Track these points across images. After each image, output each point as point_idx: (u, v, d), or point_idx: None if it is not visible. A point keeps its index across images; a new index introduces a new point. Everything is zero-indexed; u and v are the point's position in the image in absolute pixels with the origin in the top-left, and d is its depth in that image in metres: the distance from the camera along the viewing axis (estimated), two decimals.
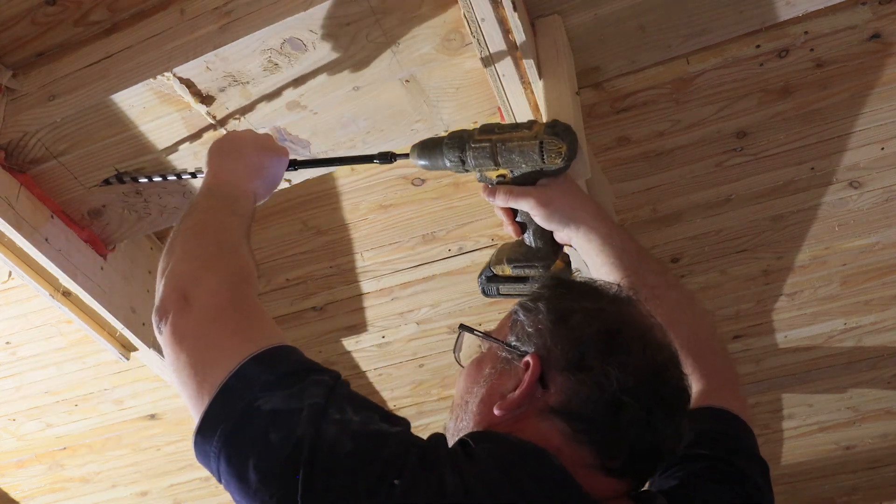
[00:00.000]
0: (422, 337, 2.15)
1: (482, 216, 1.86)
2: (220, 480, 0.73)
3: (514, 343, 0.86)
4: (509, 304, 0.97)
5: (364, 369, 2.24)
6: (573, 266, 1.17)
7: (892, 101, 1.66)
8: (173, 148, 1.44)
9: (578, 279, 0.93)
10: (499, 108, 1.36)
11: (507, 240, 1.91)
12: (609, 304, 0.86)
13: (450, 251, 1.92)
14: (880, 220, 1.90)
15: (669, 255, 1.98)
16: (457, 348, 0.98)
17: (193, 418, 0.77)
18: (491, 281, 1.11)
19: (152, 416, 2.33)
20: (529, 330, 0.85)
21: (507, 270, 1.11)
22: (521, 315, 0.88)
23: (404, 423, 0.78)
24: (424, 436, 0.79)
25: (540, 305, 0.86)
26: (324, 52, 1.30)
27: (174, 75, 1.32)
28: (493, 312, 2.10)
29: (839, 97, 1.65)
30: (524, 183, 1.09)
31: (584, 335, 0.81)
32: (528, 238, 1.13)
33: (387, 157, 1.21)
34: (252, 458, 0.69)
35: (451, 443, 0.79)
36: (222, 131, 1.42)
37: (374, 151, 1.45)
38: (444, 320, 2.10)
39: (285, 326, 2.08)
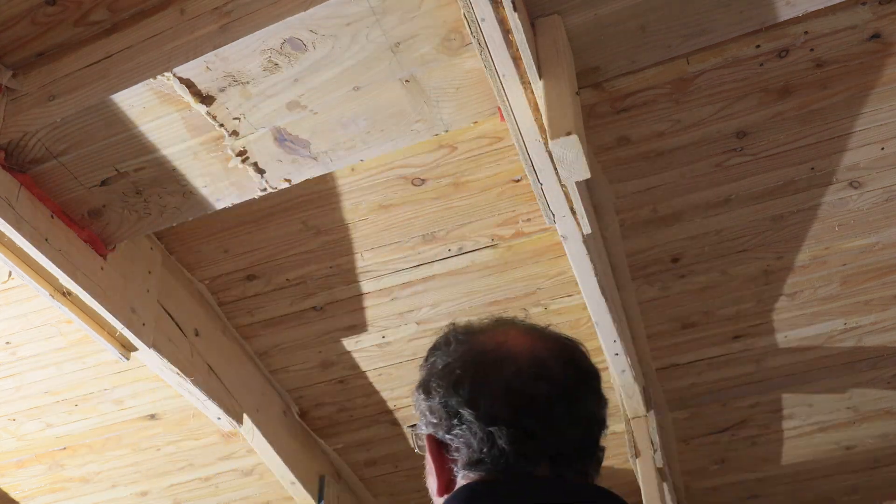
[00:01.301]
0: (422, 337, 2.15)
1: (482, 216, 1.86)
2: None
3: (419, 431, 0.92)
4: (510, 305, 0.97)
5: (364, 369, 2.24)
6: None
7: (892, 101, 1.66)
8: (173, 148, 1.44)
9: (441, 335, 0.97)
10: (499, 108, 1.36)
11: (507, 240, 1.92)
12: (454, 348, 0.91)
13: (450, 251, 1.92)
14: (880, 220, 1.90)
15: (669, 255, 1.98)
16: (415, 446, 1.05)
17: None
18: None
19: (152, 416, 2.33)
20: (418, 414, 0.92)
21: None
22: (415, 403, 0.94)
23: None
24: None
25: (417, 393, 0.92)
26: (324, 52, 1.30)
27: (174, 75, 1.32)
28: (491, 314, 2.09)
29: (839, 97, 1.64)
30: None
31: (441, 393, 0.87)
32: None
33: None
34: None
35: None
36: (222, 131, 1.42)
37: (375, 151, 1.46)
38: (444, 320, 2.10)
39: (285, 326, 2.09)
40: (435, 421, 0.88)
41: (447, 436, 0.86)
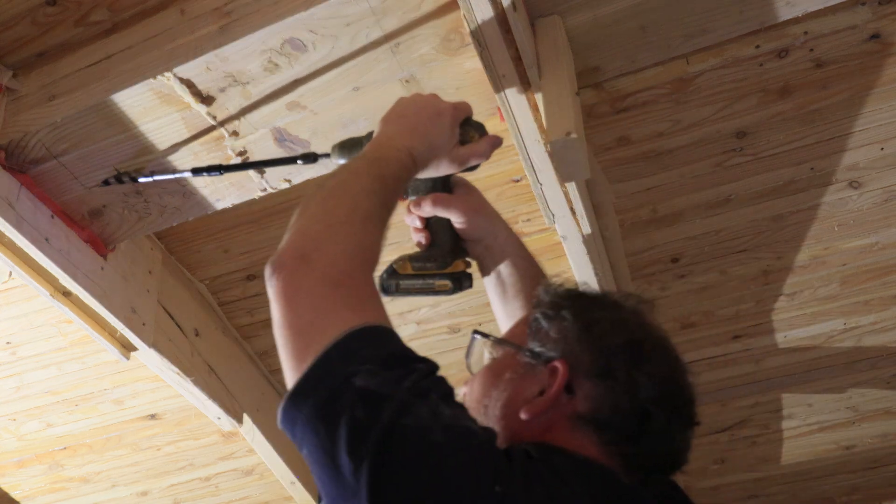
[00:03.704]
0: (422, 337, 2.15)
1: None
2: (301, 449, 0.73)
3: (538, 349, 0.87)
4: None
5: None
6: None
7: (891, 101, 1.66)
8: (173, 148, 1.44)
9: (595, 292, 0.95)
10: (499, 108, 1.36)
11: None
12: (630, 315, 0.89)
13: None
14: (880, 220, 1.90)
15: (669, 255, 1.98)
16: (469, 354, 0.98)
17: (287, 380, 0.76)
18: (391, 277, 1.11)
19: (152, 416, 2.33)
20: (554, 336, 0.86)
21: (409, 268, 1.11)
22: (544, 322, 0.89)
23: (489, 429, 0.78)
24: None
25: (564, 314, 0.87)
26: (324, 52, 1.30)
27: (174, 75, 1.32)
28: (491, 313, 2.09)
29: (839, 97, 1.65)
30: (436, 188, 1.10)
31: (611, 344, 0.83)
32: (434, 239, 1.13)
33: (310, 158, 1.25)
34: (342, 436, 0.68)
35: None
36: (222, 131, 1.42)
37: None
38: (443, 320, 2.10)
39: None
40: (584, 358, 0.83)
41: (594, 379, 0.82)
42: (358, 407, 0.69)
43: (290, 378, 0.76)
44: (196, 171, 1.37)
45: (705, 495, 2.80)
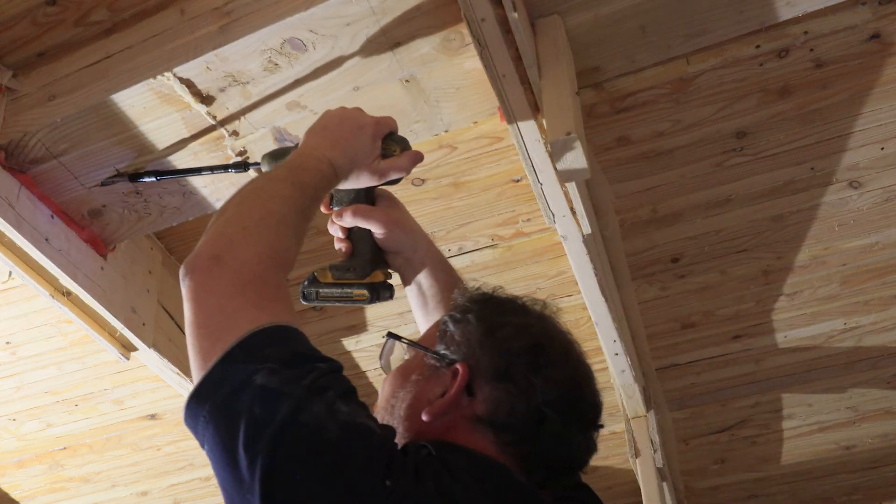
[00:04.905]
0: None
1: (482, 216, 1.86)
2: (202, 446, 0.74)
3: (442, 352, 0.89)
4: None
5: (364, 369, 2.24)
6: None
7: (892, 101, 1.66)
8: (173, 148, 1.44)
9: (505, 296, 0.97)
10: (499, 108, 1.36)
11: (507, 240, 1.92)
12: (535, 320, 0.91)
13: (449, 251, 1.92)
14: (880, 220, 1.90)
15: (669, 255, 1.98)
16: (384, 355, 1.02)
17: (193, 379, 0.77)
18: (311, 285, 1.12)
19: (152, 416, 2.33)
20: (459, 339, 0.89)
21: (329, 277, 1.13)
22: (451, 326, 0.91)
23: (388, 426, 0.80)
24: None
25: (470, 317, 0.90)
26: (324, 52, 1.30)
27: (174, 75, 1.32)
28: None
29: (839, 97, 1.65)
30: (359, 199, 1.12)
31: (511, 347, 0.85)
32: (355, 249, 1.16)
33: (241, 166, 1.29)
34: (241, 432, 0.70)
35: None
36: (222, 132, 1.42)
37: None
38: None
39: None
40: (485, 361, 0.85)
41: (493, 382, 0.83)
42: (257, 404, 0.70)
43: (196, 377, 0.77)
44: (133, 178, 1.43)
45: (705, 495, 2.80)
